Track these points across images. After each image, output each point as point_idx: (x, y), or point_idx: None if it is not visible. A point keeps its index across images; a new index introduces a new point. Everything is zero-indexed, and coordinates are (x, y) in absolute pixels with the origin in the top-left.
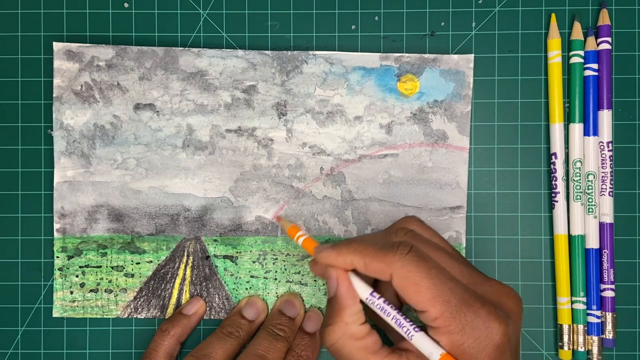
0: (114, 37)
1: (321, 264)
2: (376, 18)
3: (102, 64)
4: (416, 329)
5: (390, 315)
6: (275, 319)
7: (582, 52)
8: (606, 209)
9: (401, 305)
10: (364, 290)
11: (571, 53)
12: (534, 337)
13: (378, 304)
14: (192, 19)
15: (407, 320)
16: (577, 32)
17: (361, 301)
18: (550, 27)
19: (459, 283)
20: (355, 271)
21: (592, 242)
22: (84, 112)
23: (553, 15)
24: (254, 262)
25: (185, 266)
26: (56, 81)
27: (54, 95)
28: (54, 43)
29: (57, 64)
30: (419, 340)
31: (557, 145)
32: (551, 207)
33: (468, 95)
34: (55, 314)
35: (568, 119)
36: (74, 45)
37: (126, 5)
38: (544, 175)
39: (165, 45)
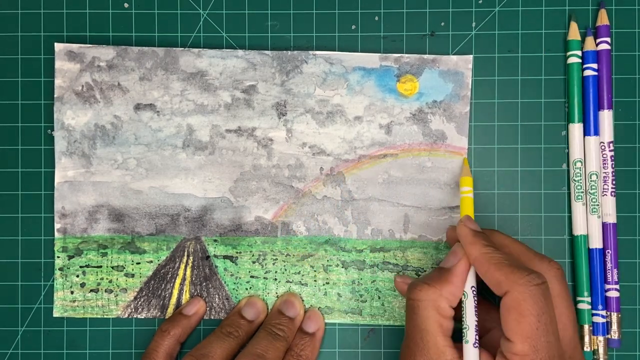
0: (114, 37)
1: (457, 234)
2: (376, 18)
3: (102, 65)
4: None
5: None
6: (275, 319)
7: (579, 52)
8: (609, 209)
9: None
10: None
11: (568, 53)
12: None
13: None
14: (192, 19)
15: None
16: (574, 33)
17: None
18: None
19: (558, 344)
20: None
21: (596, 242)
22: (84, 113)
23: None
24: (253, 262)
25: (186, 266)
26: (57, 81)
27: (55, 96)
28: (56, 44)
29: (58, 64)
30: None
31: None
32: None
33: (467, 95)
34: (55, 314)
35: (567, 119)
36: (75, 46)
37: (126, 5)
38: (544, 175)
39: (165, 45)
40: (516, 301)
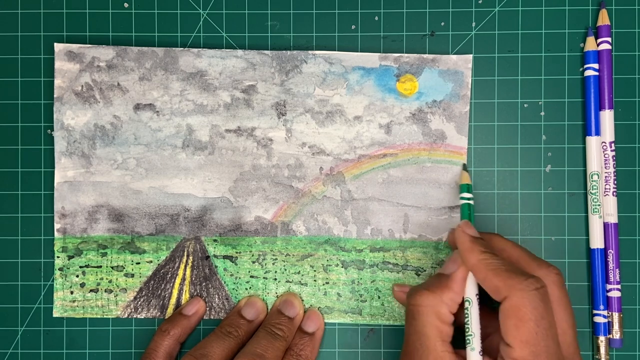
0: (114, 37)
1: (455, 240)
2: (376, 18)
3: (102, 65)
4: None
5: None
6: (274, 319)
7: (596, 65)
8: (610, 209)
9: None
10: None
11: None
12: None
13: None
14: (192, 19)
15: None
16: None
17: None
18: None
19: (558, 349)
20: None
21: (597, 242)
22: (84, 113)
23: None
24: (253, 262)
25: (185, 266)
26: (57, 82)
27: (54, 96)
28: (55, 44)
29: (58, 64)
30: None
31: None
32: None
33: (466, 95)
34: (55, 314)
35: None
36: (74, 46)
37: (126, 5)
38: (544, 175)
39: (165, 45)
40: (515, 306)
